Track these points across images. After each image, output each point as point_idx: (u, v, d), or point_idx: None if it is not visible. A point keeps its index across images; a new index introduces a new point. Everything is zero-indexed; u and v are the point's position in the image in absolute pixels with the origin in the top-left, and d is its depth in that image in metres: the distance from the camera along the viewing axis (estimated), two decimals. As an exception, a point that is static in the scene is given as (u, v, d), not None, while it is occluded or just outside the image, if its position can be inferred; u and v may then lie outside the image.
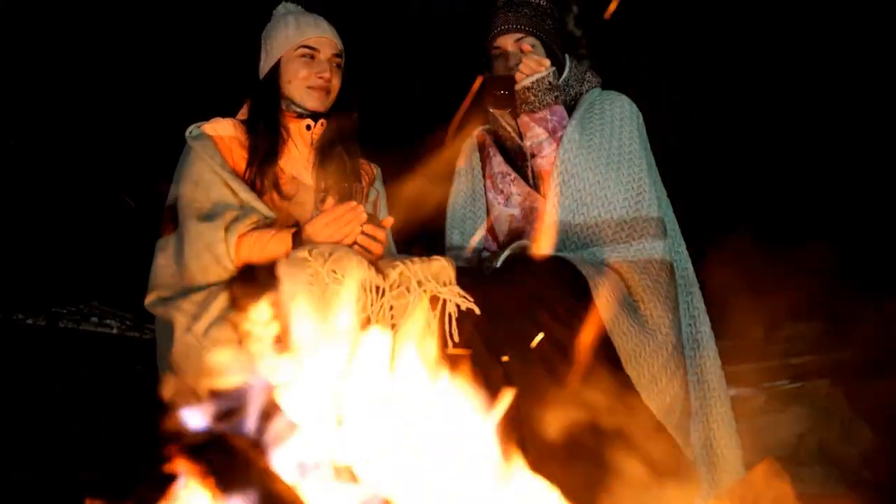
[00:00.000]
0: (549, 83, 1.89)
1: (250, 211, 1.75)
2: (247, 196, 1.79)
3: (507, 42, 1.97)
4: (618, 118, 1.91)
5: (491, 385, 1.47)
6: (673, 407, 1.63)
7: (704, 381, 1.84)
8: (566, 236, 1.82)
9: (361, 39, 2.17)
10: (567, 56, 2.06)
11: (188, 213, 1.75)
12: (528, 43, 1.97)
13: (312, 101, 1.90)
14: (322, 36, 1.91)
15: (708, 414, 1.81)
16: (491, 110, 2.01)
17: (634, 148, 1.87)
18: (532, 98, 1.89)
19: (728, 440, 1.81)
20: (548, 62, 1.90)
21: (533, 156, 1.93)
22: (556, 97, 1.91)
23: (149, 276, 1.79)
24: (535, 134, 1.91)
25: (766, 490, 0.98)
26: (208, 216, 1.73)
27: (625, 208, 1.80)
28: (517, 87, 1.90)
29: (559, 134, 1.89)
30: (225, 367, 1.36)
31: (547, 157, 1.90)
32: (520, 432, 1.47)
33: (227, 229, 1.69)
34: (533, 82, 1.88)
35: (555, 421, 1.46)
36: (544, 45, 1.99)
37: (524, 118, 1.92)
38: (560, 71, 2.01)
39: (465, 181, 2.11)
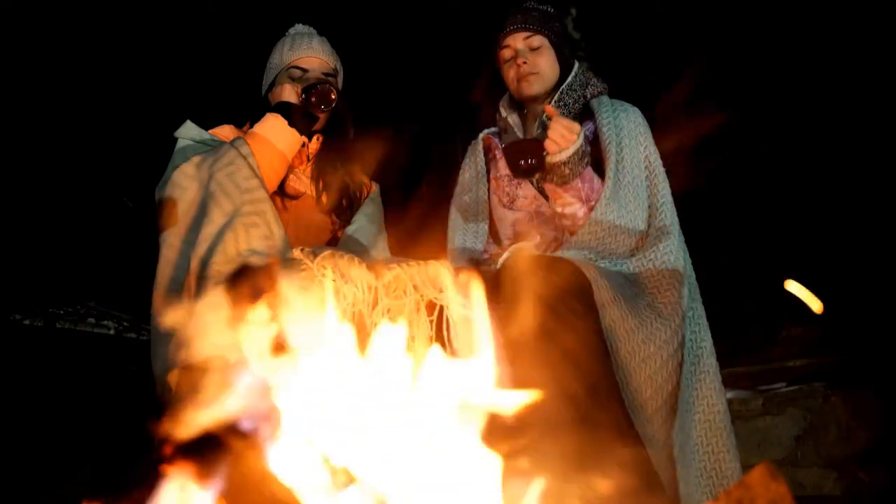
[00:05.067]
0: (583, 151, 1.77)
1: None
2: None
3: (517, 40, 1.97)
4: (633, 131, 1.91)
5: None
6: (661, 406, 1.62)
7: (702, 383, 1.83)
8: (580, 242, 1.81)
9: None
10: (575, 61, 2.07)
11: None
12: (536, 41, 1.98)
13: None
14: (312, 56, 1.97)
15: (705, 415, 1.80)
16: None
17: (655, 159, 1.89)
18: (567, 172, 1.76)
19: (725, 442, 1.80)
20: (578, 127, 1.76)
21: (563, 216, 1.84)
22: (587, 162, 1.79)
23: (147, 277, 1.80)
24: (565, 202, 1.81)
25: (764, 493, 0.98)
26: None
27: (643, 220, 1.81)
28: (549, 159, 1.75)
29: (592, 203, 1.79)
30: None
31: (578, 222, 1.81)
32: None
33: None
34: (569, 156, 1.75)
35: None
36: (552, 43, 2.00)
37: (552, 187, 1.81)
38: (567, 72, 2.01)
39: (469, 183, 2.10)
